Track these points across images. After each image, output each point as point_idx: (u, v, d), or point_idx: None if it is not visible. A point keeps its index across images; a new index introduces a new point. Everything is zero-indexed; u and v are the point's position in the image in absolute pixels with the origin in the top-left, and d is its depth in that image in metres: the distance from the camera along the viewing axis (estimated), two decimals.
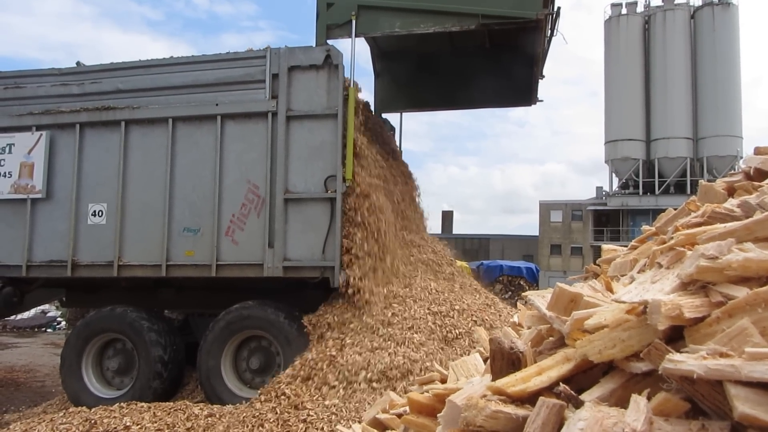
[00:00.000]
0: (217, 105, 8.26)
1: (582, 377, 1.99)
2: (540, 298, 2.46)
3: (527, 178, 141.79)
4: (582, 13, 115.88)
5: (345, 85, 7.94)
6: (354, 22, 8.19)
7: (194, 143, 8.35)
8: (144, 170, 8.49)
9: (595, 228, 54.05)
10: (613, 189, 55.90)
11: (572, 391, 1.82)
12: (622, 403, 1.71)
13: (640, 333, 1.82)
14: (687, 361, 1.55)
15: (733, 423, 1.51)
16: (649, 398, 1.65)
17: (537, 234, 57.09)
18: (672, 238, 2.51)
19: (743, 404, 1.44)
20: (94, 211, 8.57)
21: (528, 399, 1.89)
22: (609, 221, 53.92)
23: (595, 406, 1.67)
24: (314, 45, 8.29)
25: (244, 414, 6.63)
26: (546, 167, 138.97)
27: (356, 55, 8.29)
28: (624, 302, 1.95)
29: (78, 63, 9.29)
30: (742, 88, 52.15)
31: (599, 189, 58.13)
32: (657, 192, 51.31)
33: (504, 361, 2.13)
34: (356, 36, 8.30)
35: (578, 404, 1.74)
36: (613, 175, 55.17)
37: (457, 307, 7.96)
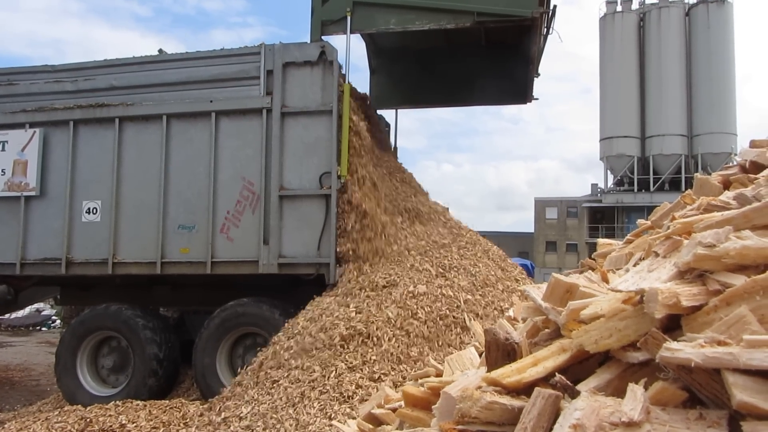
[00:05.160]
0: (211, 102, 8.24)
1: (578, 368, 1.98)
2: (536, 290, 2.45)
3: (521, 175, 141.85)
4: (573, 8, 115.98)
5: (340, 81, 7.94)
6: (349, 18, 8.17)
7: (189, 140, 8.33)
8: (138, 167, 8.46)
9: (590, 225, 54.19)
10: (608, 186, 56.04)
11: (568, 382, 1.80)
12: (619, 393, 1.70)
13: (636, 322, 1.81)
14: (684, 349, 1.54)
15: (731, 412, 1.49)
16: (646, 388, 1.64)
17: (532, 231, 57.18)
18: (669, 227, 2.50)
19: (742, 392, 1.43)
20: (89, 209, 8.54)
21: (524, 390, 1.87)
22: (604, 218, 54.04)
23: (591, 396, 1.66)
24: (308, 41, 8.27)
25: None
26: (540, 164, 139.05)
27: (351, 51, 8.27)
28: (620, 291, 1.93)
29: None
30: (736, 86, 52.37)
31: (594, 186, 58.28)
32: (652, 189, 51.43)
33: (499, 353, 2.12)
34: (351, 32, 8.27)
35: (574, 394, 1.73)
36: (608, 171, 55.29)
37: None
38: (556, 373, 1.86)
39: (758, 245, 1.80)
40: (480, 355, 2.93)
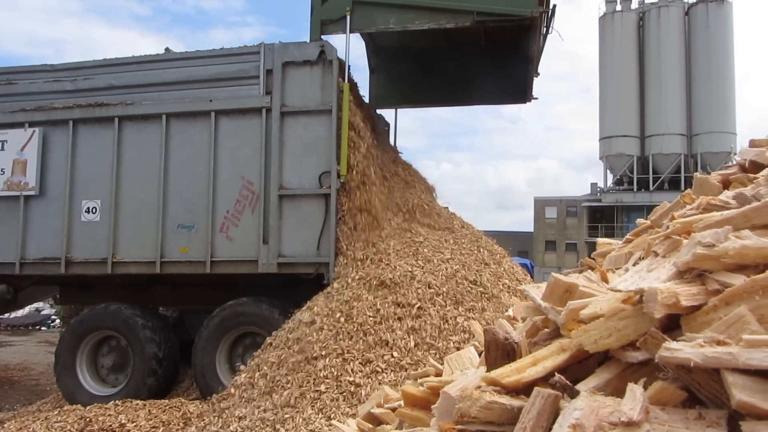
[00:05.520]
0: (211, 101, 8.24)
1: (577, 367, 1.97)
2: (535, 289, 2.44)
3: (520, 175, 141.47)
4: (573, 8, 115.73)
5: (339, 80, 7.94)
6: (349, 17, 8.17)
7: (188, 139, 8.33)
8: (138, 167, 8.46)
9: (590, 224, 54.25)
10: (608, 185, 56.06)
11: (568, 381, 1.80)
12: (618, 392, 1.69)
13: (636, 322, 1.80)
14: (684, 349, 1.53)
15: (730, 411, 1.49)
16: (645, 387, 1.63)
17: (531, 230, 57.19)
18: (668, 227, 2.49)
19: (741, 392, 1.42)
20: (88, 208, 8.54)
21: (523, 390, 1.87)
22: (603, 217, 54.09)
23: (590, 396, 1.65)
24: (307, 40, 8.27)
25: None
26: (539, 163, 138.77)
27: (350, 50, 8.27)
28: (620, 291, 1.93)
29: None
30: (735, 85, 52.37)
31: (594, 185, 58.34)
32: (651, 188, 51.43)
33: (499, 352, 2.11)
34: (351, 32, 8.27)
35: (574, 394, 1.73)
36: (608, 171, 55.32)
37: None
38: (556, 373, 1.86)
39: (758, 245, 1.79)
40: (479, 355, 2.93)
